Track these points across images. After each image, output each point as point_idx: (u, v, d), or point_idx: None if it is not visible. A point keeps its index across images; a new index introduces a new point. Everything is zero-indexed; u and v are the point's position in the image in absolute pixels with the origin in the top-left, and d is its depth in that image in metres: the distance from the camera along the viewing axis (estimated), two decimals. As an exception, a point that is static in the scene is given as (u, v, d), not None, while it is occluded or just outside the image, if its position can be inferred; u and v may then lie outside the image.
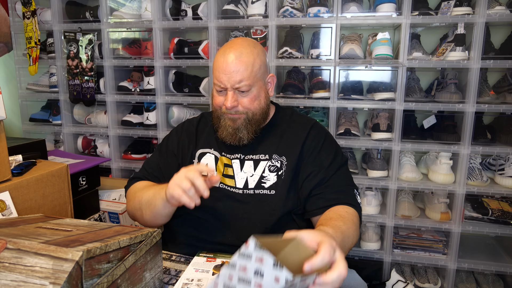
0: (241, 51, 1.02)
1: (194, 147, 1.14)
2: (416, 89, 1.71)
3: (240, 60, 1.01)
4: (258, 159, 1.09)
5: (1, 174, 0.96)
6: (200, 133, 1.17)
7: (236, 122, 1.06)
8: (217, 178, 0.90)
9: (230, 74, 1.01)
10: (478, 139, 1.64)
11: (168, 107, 1.95)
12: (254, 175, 1.06)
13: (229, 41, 1.10)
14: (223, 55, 1.03)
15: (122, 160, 2.04)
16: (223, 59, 1.02)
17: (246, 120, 1.06)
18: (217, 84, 1.04)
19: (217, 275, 0.58)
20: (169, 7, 1.85)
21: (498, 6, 1.55)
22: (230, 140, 1.08)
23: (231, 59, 1.01)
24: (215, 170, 1.09)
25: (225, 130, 1.07)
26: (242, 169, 1.08)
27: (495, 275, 1.75)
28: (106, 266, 0.61)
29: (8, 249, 0.58)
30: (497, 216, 1.67)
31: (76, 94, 1.98)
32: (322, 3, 1.68)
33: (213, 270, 0.89)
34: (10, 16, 2.06)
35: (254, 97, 1.05)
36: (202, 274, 0.87)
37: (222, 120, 1.08)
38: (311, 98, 1.76)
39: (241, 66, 1.01)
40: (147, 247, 0.72)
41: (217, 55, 1.06)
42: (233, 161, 1.09)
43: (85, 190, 1.47)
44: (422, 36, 1.78)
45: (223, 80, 1.02)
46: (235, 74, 1.01)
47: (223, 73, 1.02)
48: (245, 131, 1.07)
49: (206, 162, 1.10)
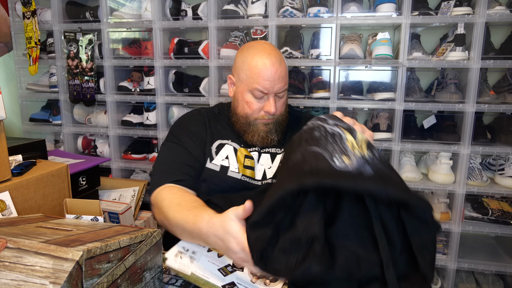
0: (278, 58, 1.07)
1: (211, 137, 1.13)
2: (416, 89, 1.71)
3: (282, 67, 1.06)
4: (274, 152, 1.13)
5: (1, 174, 0.96)
6: (215, 123, 1.16)
7: (268, 126, 1.10)
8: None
9: (275, 81, 1.04)
10: (478, 139, 1.64)
11: (168, 107, 1.95)
12: (271, 167, 1.10)
13: (257, 45, 1.10)
14: (263, 61, 1.04)
15: (122, 160, 2.04)
16: (264, 66, 1.04)
17: (276, 123, 1.11)
18: (258, 90, 1.05)
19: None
20: (169, 7, 1.85)
21: (498, 6, 1.55)
22: (261, 143, 1.11)
23: (276, 67, 1.05)
24: (236, 161, 1.10)
25: (257, 134, 1.09)
26: (259, 161, 1.11)
27: (495, 275, 1.75)
28: (106, 266, 0.61)
29: (8, 248, 0.58)
30: (497, 216, 1.67)
31: (76, 94, 1.98)
32: (322, 3, 1.68)
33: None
34: (10, 16, 2.06)
35: (285, 100, 1.13)
36: (198, 247, 0.85)
37: (253, 125, 1.10)
38: (311, 98, 1.76)
39: (282, 73, 1.06)
40: (147, 247, 0.72)
41: (251, 60, 1.06)
42: (252, 153, 1.12)
43: (85, 190, 1.47)
44: (422, 36, 1.78)
45: (268, 87, 1.04)
46: (279, 81, 1.05)
47: (267, 80, 1.04)
48: (275, 133, 1.11)
49: (226, 153, 1.10)
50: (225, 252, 0.78)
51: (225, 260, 0.84)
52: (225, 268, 0.82)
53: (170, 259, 0.81)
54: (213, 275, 0.79)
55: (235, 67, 1.13)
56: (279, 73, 1.05)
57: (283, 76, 1.06)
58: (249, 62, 1.06)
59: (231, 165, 1.08)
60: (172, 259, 0.81)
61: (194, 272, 0.78)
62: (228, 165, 1.08)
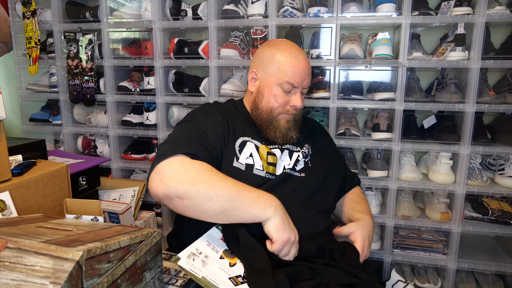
0: (306, 56, 1.13)
1: (233, 133, 1.11)
2: (416, 89, 1.71)
3: (309, 64, 1.13)
4: (292, 150, 1.17)
5: (1, 174, 0.96)
6: (234, 119, 1.15)
7: (289, 123, 1.13)
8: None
9: (305, 76, 1.10)
10: (478, 139, 1.64)
11: (168, 107, 1.95)
12: (290, 164, 1.14)
13: (284, 42, 1.16)
14: (296, 57, 1.09)
15: (122, 160, 2.04)
16: (297, 61, 1.09)
17: (294, 120, 1.15)
18: (289, 83, 1.09)
19: None
20: (169, 7, 1.85)
21: (498, 6, 1.55)
22: (282, 140, 1.14)
23: (307, 63, 1.11)
24: (260, 159, 1.10)
25: (278, 131, 1.12)
26: (281, 157, 1.14)
27: (495, 275, 1.75)
28: (106, 266, 0.61)
29: (8, 248, 0.58)
30: (497, 216, 1.67)
31: (76, 94, 1.98)
32: (322, 3, 1.68)
33: (222, 253, 0.88)
34: (10, 16, 2.06)
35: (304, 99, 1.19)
36: (211, 251, 0.86)
37: (274, 121, 1.12)
38: (311, 98, 1.76)
39: (310, 70, 1.13)
40: (147, 247, 0.72)
41: (283, 54, 1.10)
42: (273, 150, 1.14)
43: (85, 190, 1.47)
44: (422, 36, 1.78)
45: (299, 81, 1.09)
46: (308, 76, 1.12)
47: (299, 74, 1.08)
48: (294, 131, 1.15)
49: (249, 151, 1.11)
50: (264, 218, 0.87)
51: (236, 270, 0.84)
52: (235, 278, 0.82)
53: (182, 259, 0.81)
54: (224, 283, 0.79)
55: (261, 61, 1.14)
56: (309, 69, 1.12)
57: (310, 73, 1.13)
58: (280, 57, 1.10)
59: (255, 163, 1.08)
60: (185, 260, 0.81)
61: (205, 277, 0.79)
62: (252, 163, 1.08)
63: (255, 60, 1.17)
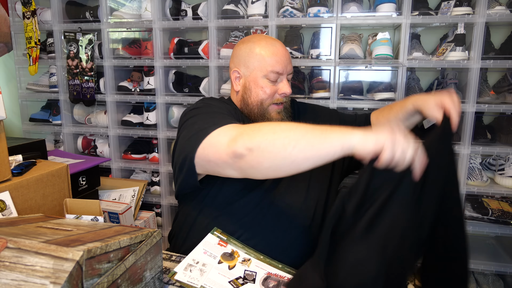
0: (280, 42, 1.15)
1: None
2: (416, 89, 1.71)
3: (287, 50, 1.14)
4: None
5: (1, 174, 0.96)
6: (234, 114, 1.14)
7: (280, 114, 1.14)
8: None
9: (287, 60, 1.11)
10: (478, 139, 1.64)
11: (168, 107, 1.95)
12: None
13: (256, 36, 1.19)
14: (274, 45, 1.11)
15: (122, 160, 2.04)
16: (276, 49, 1.11)
17: (285, 108, 1.16)
18: (274, 72, 1.09)
19: None
20: (169, 7, 1.85)
21: (498, 6, 1.55)
22: None
23: (285, 49, 1.12)
24: None
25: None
26: None
27: (495, 275, 1.75)
28: (107, 266, 0.61)
29: (8, 248, 0.58)
30: (497, 216, 1.67)
31: (76, 94, 1.98)
32: (322, 3, 1.68)
33: (221, 257, 0.88)
34: (10, 16, 2.06)
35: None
36: (209, 258, 0.85)
37: (266, 113, 1.13)
38: (311, 98, 1.76)
39: (289, 54, 1.14)
40: (147, 247, 0.72)
41: (260, 47, 1.11)
42: None
43: (85, 190, 1.47)
44: (422, 36, 1.78)
45: (283, 67, 1.10)
46: (289, 62, 1.13)
47: (281, 60, 1.10)
48: (287, 120, 1.16)
49: None
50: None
51: (235, 273, 0.84)
52: (235, 281, 0.82)
53: (179, 273, 0.81)
54: None
55: (240, 59, 1.14)
56: (288, 55, 1.13)
57: (290, 58, 1.14)
58: (258, 49, 1.10)
59: None
60: (181, 273, 0.81)
61: (204, 286, 0.78)
62: None
63: (233, 60, 1.17)
